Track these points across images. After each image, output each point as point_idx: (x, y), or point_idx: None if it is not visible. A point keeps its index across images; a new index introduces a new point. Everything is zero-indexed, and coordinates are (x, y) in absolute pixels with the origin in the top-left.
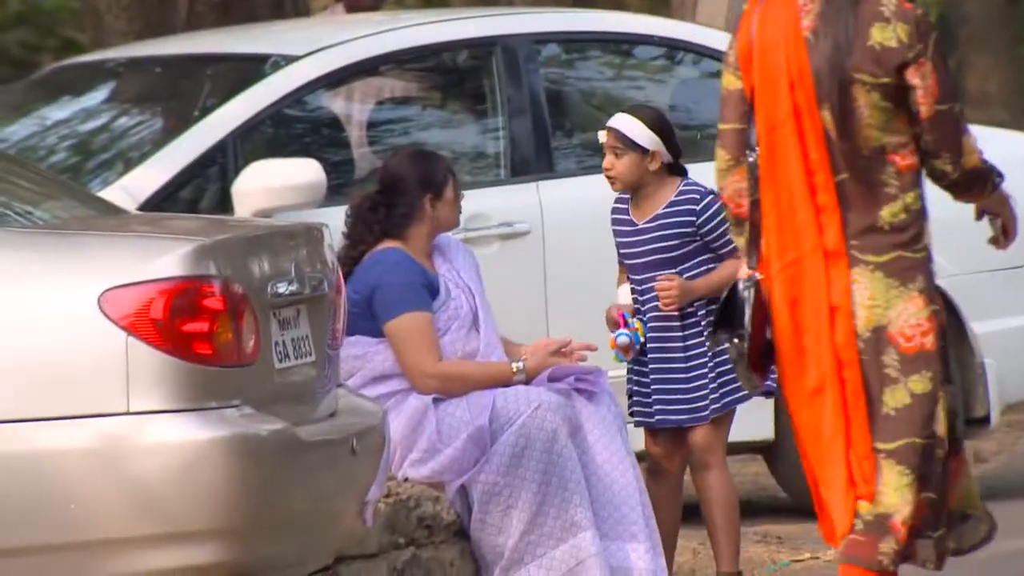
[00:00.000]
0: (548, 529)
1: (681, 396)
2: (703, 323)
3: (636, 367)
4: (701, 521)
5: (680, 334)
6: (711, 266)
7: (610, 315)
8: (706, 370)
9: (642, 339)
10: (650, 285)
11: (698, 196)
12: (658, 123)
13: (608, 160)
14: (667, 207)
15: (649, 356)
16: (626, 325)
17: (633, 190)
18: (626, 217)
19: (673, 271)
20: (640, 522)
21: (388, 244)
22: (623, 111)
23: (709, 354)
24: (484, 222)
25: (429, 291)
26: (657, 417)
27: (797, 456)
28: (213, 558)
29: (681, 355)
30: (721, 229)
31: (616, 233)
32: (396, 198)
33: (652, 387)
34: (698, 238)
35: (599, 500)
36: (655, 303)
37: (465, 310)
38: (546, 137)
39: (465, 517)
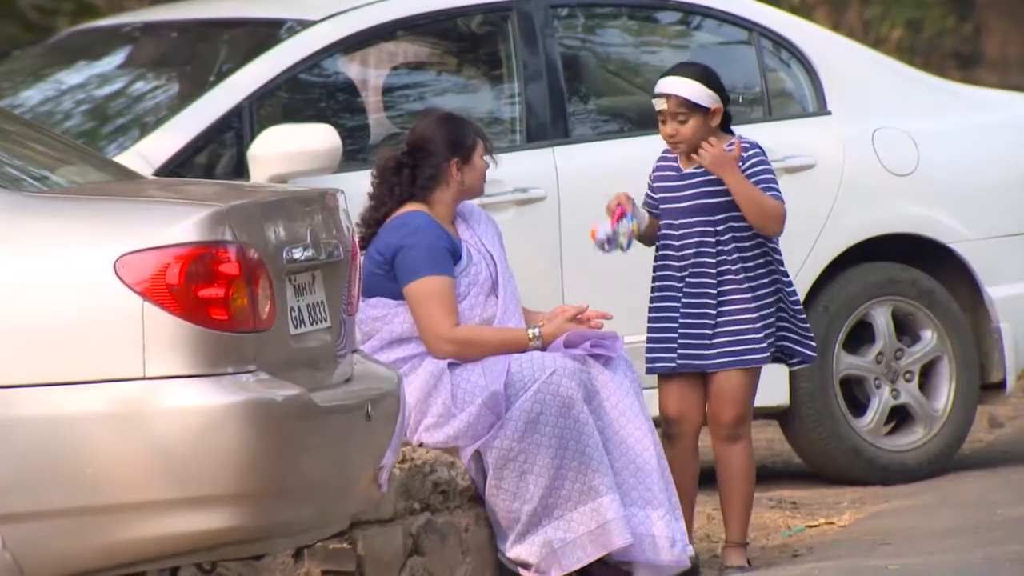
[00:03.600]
0: (566, 493)
1: (708, 342)
2: (740, 276)
3: (667, 314)
4: (715, 487)
5: (714, 281)
6: (746, 222)
7: (614, 202)
8: (742, 316)
9: (633, 237)
10: (687, 232)
11: (748, 145)
12: (712, 78)
13: (671, 127)
14: None
15: (682, 303)
16: (621, 219)
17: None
18: (672, 164)
19: (713, 218)
20: (658, 487)
21: (413, 207)
22: (672, 74)
23: (752, 304)
24: (499, 188)
25: (452, 256)
26: (679, 362)
27: (811, 422)
28: (229, 523)
29: (713, 301)
30: (761, 177)
31: (657, 179)
32: (422, 160)
33: (680, 331)
34: None
35: (616, 465)
36: (694, 250)
37: (484, 276)
38: (562, 103)
39: (480, 482)
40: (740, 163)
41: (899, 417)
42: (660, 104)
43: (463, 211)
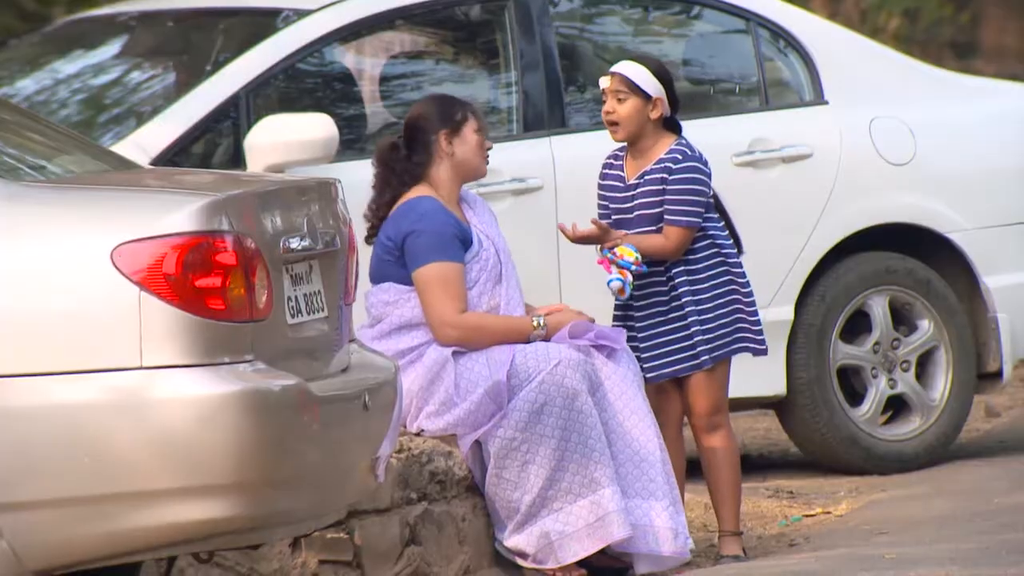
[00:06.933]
0: (567, 485)
1: (671, 348)
2: (684, 279)
3: (627, 323)
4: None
5: (666, 287)
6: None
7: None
8: (692, 319)
9: (634, 269)
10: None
11: (680, 156)
12: (661, 72)
13: (610, 104)
14: (655, 164)
15: (636, 313)
16: (614, 265)
17: (630, 143)
18: (619, 174)
19: (658, 226)
20: (660, 479)
21: (420, 191)
22: (626, 59)
23: (696, 306)
24: (496, 177)
25: (462, 242)
26: (650, 375)
27: (808, 411)
28: (226, 512)
29: (665, 308)
30: (678, 196)
31: (604, 188)
32: (415, 136)
33: (641, 343)
34: None
35: (619, 457)
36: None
37: (493, 263)
38: (559, 92)
39: (478, 472)
40: (667, 174)
41: (896, 406)
42: (604, 82)
43: (466, 198)
